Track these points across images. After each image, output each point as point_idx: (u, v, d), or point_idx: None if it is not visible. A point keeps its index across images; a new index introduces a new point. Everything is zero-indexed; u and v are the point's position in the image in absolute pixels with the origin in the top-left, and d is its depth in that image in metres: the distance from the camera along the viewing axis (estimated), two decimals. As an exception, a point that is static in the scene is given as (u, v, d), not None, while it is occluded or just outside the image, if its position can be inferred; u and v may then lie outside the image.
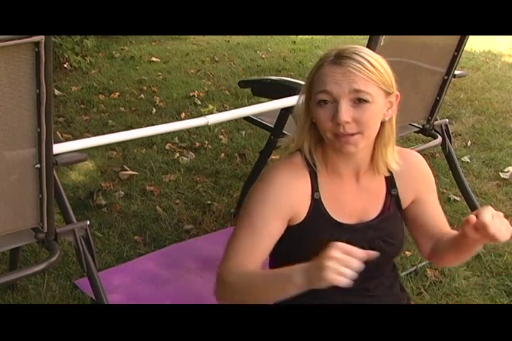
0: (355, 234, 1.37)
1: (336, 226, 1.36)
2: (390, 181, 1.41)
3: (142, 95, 4.37)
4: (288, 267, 1.17)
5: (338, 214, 1.37)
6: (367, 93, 1.24)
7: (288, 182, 1.34)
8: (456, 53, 2.34)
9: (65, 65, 4.86)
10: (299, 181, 1.35)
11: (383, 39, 1.98)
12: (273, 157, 3.15)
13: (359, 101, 1.24)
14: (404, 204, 1.44)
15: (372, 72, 1.24)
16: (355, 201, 1.38)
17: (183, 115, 3.99)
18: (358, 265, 1.07)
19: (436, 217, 1.46)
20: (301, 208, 1.35)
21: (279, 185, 1.33)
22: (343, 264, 1.06)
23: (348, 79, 1.23)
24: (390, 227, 1.42)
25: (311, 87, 1.30)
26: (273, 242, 1.33)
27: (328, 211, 1.36)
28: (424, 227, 1.45)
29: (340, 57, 1.25)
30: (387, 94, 1.29)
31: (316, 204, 1.36)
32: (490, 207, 1.18)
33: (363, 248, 1.33)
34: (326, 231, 1.34)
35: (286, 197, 1.33)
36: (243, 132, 3.67)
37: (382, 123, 1.31)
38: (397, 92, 1.32)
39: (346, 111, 1.23)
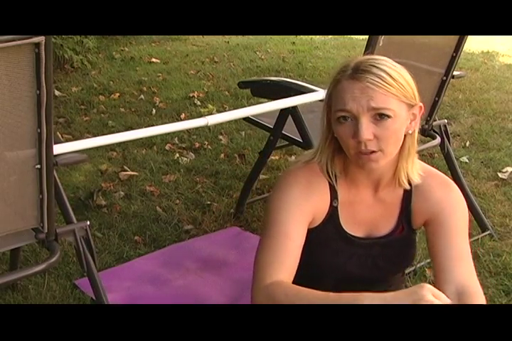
0: (360, 249, 1.36)
1: (344, 238, 1.35)
2: (408, 197, 1.35)
3: (142, 96, 4.38)
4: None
5: (349, 223, 1.35)
6: (387, 109, 1.18)
7: (306, 187, 1.30)
8: (454, 54, 2.35)
9: (66, 66, 4.87)
10: (317, 186, 1.31)
11: (382, 40, 1.99)
12: (272, 157, 3.17)
13: (380, 117, 1.19)
14: (415, 224, 1.37)
15: (393, 85, 1.18)
16: (368, 212, 1.34)
17: (182, 116, 4.00)
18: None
19: (453, 251, 1.28)
20: (318, 213, 1.32)
21: (297, 190, 1.29)
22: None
23: (366, 95, 1.17)
24: (399, 247, 1.36)
25: (330, 102, 1.25)
26: (302, 244, 1.28)
27: (340, 219, 1.34)
28: (437, 262, 1.28)
29: (358, 71, 1.19)
30: (410, 106, 1.23)
31: (333, 211, 1.33)
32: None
33: (365, 263, 1.31)
34: (333, 241, 1.33)
35: (305, 202, 1.29)
36: (243, 133, 3.68)
37: (405, 136, 1.26)
38: (421, 104, 1.26)
39: (367, 129, 1.18)
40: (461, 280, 1.24)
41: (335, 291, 1.35)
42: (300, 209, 1.28)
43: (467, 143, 3.57)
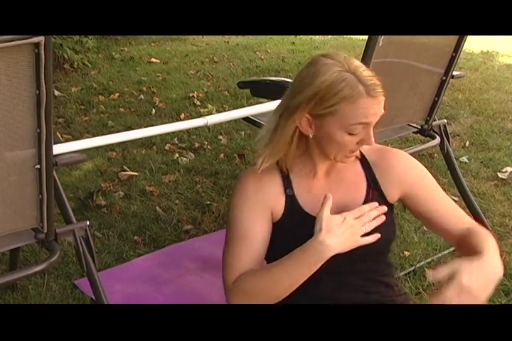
0: None
1: (312, 223, 1.32)
2: (369, 174, 1.44)
3: (142, 96, 4.38)
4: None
5: (314, 207, 1.35)
6: None
7: (257, 183, 1.40)
8: (454, 54, 2.35)
9: (65, 66, 4.87)
10: (269, 180, 1.40)
11: (381, 40, 1.99)
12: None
13: None
14: (391, 198, 1.43)
15: None
16: (331, 192, 1.35)
17: (182, 116, 4.00)
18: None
19: (440, 207, 1.44)
20: (276, 205, 1.39)
21: (250, 187, 1.39)
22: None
23: (380, 107, 1.31)
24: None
25: (335, 112, 1.30)
26: (265, 241, 1.37)
27: (303, 207, 1.39)
28: (434, 220, 1.44)
29: (370, 86, 1.28)
30: None
31: (290, 200, 1.40)
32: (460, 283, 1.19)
33: None
34: (304, 227, 1.32)
35: (258, 196, 1.38)
36: (242, 133, 3.68)
37: None
38: None
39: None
40: (466, 220, 1.44)
41: (330, 276, 1.37)
42: (252, 209, 1.38)
43: (467, 143, 3.58)
